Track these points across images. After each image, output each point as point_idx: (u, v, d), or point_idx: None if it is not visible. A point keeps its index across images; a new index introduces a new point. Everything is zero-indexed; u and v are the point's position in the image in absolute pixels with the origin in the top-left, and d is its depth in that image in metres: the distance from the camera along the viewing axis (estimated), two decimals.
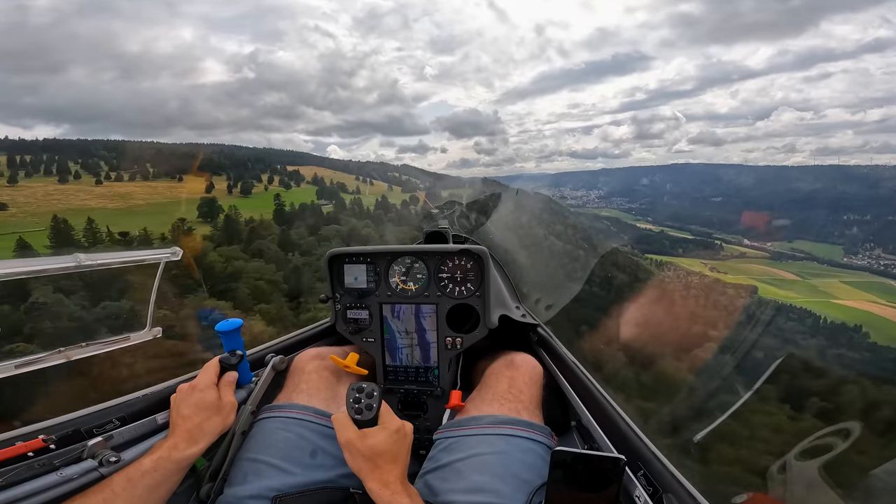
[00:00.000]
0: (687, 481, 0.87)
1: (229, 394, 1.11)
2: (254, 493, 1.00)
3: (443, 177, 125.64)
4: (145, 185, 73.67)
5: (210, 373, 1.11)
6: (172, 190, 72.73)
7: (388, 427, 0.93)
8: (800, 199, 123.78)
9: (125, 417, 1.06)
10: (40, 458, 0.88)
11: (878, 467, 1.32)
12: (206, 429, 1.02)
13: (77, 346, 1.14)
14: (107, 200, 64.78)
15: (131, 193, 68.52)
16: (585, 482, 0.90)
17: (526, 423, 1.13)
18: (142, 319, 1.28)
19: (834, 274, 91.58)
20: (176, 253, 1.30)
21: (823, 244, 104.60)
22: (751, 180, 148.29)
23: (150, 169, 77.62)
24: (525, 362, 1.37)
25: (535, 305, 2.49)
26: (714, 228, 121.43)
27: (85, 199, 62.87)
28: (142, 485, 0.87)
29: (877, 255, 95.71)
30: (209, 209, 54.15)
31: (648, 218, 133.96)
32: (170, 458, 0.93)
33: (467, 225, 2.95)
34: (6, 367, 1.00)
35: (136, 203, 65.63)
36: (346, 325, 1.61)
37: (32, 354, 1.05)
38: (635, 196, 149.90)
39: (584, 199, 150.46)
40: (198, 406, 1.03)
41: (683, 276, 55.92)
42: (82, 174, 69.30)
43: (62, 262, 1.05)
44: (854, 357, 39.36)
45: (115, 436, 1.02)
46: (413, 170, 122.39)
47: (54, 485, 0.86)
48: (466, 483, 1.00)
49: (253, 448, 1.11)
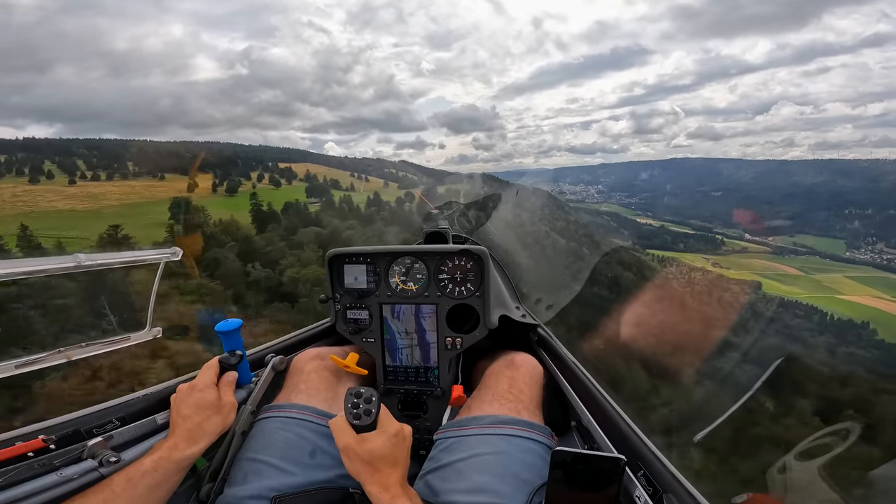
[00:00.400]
0: (687, 481, 0.87)
1: (229, 394, 1.11)
2: (254, 493, 1.00)
3: (441, 173, 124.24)
4: (124, 184, 70.51)
5: (210, 373, 1.12)
6: (151, 189, 68.68)
7: (386, 431, 0.93)
8: (800, 194, 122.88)
9: (125, 417, 1.06)
10: (40, 458, 0.88)
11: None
12: (207, 429, 1.02)
13: (77, 346, 1.14)
14: (76, 202, 60.63)
15: (105, 194, 65.22)
16: (585, 482, 0.90)
17: (526, 423, 1.13)
18: (142, 319, 1.28)
19: (837, 268, 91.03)
20: (176, 253, 1.30)
21: (825, 238, 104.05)
22: (751, 174, 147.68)
23: (132, 168, 74.95)
24: (525, 362, 1.37)
25: (535, 305, 2.49)
26: (715, 223, 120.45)
27: (52, 201, 59.35)
28: (142, 485, 0.87)
29: (879, 249, 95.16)
30: (181, 211, 48.71)
31: (648, 213, 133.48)
32: (170, 458, 0.93)
33: (467, 225, 2.96)
34: (6, 367, 1.00)
35: (109, 204, 61.91)
36: (346, 325, 1.61)
37: (32, 354, 1.05)
38: (634, 191, 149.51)
39: (583, 194, 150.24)
40: (198, 406, 1.03)
41: (686, 272, 55.65)
42: (56, 174, 66.55)
43: (62, 263, 1.05)
44: (864, 355, 38.88)
45: (115, 436, 1.02)
46: (410, 166, 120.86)
47: (54, 485, 0.86)
48: (467, 483, 1.00)
49: (253, 448, 1.11)
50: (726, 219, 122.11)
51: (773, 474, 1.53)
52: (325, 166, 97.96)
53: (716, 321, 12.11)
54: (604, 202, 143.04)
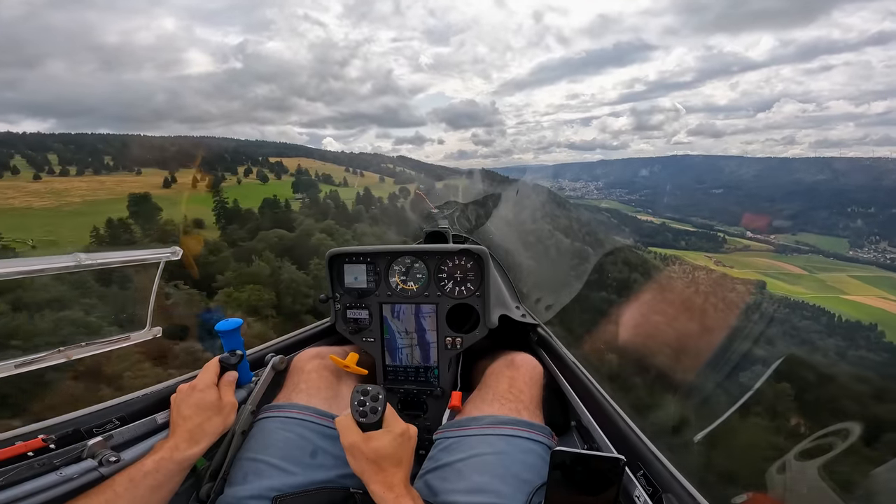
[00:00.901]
0: (686, 481, 0.87)
1: (230, 394, 1.11)
2: (254, 493, 1.00)
3: (439, 169, 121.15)
4: (93, 179, 66.56)
5: (210, 373, 1.12)
6: (122, 185, 63.64)
7: (392, 430, 0.93)
8: (802, 192, 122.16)
9: (125, 417, 1.06)
10: (40, 458, 0.88)
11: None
12: (207, 429, 1.02)
13: (77, 346, 1.14)
14: (36, 199, 57.40)
15: (70, 190, 61.39)
16: (585, 482, 0.90)
17: (526, 424, 1.13)
18: (142, 319, 1.28)
19: (841, 268, 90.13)
20: (176, 252, 1.30)
21: (828, 237, 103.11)
22: (752, 172, 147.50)
23: (107, 162, 71.26)
24: (526, 362, 1.37)
25: (535, 305, 2.49)
26: (716, 221, 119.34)
27: (10, 198, 56.03)
28: (144, 485, 0.88)
29: (882, 248, 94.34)
30: (140, 208, 43.11)
31: (649, 210, 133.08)
32: (171, 459, 0.93)
33: (467, 224, 2.96)
34: (6, 367, 1.00)
35: (71, 201, 57.94)
36: (346, 324, 1.61)
37: (32, 354, 1.05)
38: (635, 188, 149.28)
39: (583, 190, 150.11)
40: (198, 406, 1.03)
41: (690, 271, 54.75)
42: (22, 169, 63.39)
43: (62, 262, 1.05)
44: (875, 359, 38.27)
45: (115, 435, 1.02)
46: (408, 161, 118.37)
47: (54, 484, 0.86)
48: (467, 483, 1.00)
49: (253, 448, 1.11)
50: (727, 216, 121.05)
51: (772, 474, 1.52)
52: (319, 161, 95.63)
53: (722, 321, 12.03)
54: (604, 199, 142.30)
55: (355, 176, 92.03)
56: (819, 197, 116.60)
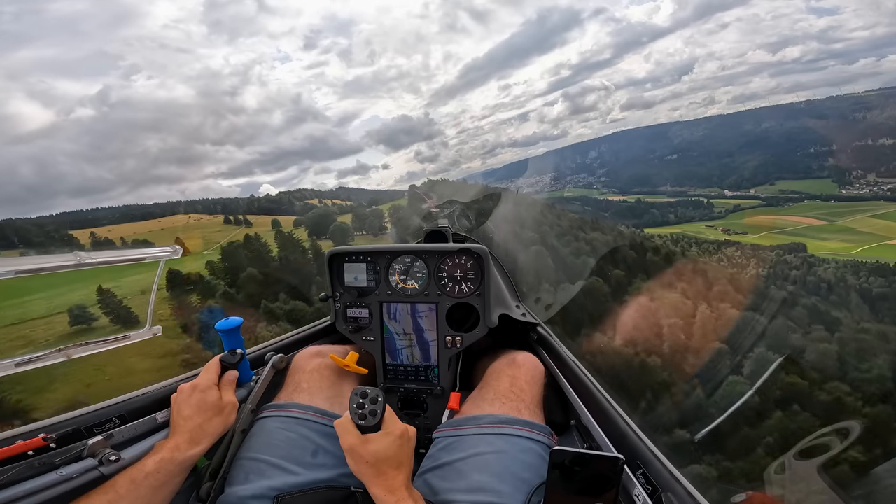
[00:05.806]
0: (686, 480, 0.87)
1: (230, 394, 1.12)
2: (255, 492, 1.00)
3: (390, 193, 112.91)
4: None
5: (211, 372, 1.12)
6: None
7: (391, 432, 0.93)
8: (755, 142, 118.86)
9: (125, 416, 1.06)
10: (40, 457, 0.88)
11: None
12: (208, 429, 1.02)
13: (77, 345, 1.14)
14: None
15: None
16: (584, 482, 0.90)
17: (526, 423, 1.13)
18: (142, 318, 1.28)
19: (851, 209, 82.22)
20: (177, 251, 1.30)
21: (810, 180, 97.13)
22: (699, 133, 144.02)
23: None
24: (527, 361, 1.38)
25: (534, 305, 2.49)
26: (687, 186, 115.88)
27: None
28: (145, 486, 0.88)
29: (872, 180, 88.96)
30: None
31: (614, 189, 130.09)
32: (172, 460, 0.93)
33: (467, 224, 2.95)
34: (6, 366, 1.00)
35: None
36: (346, 323, 1.61)
37: (32, 353, 1.05)
38: (591, 170, 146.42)
39: (538, 184, 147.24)
40: (199, 407, 1.03)
41: (716, 249, 47.29)
42: None
43: (62, 261, 1.05)
44: None
45: (116, 434, 1.02)
46: (345, 191, 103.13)
47: (54, 483, 0.86)
48: (466, 482, 1.00)
49: (254, 447, 1.11)
50: (695, 180, 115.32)
51: (771, 473, 1.52)
52: (202, 214, 75.87)
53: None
54: (564, 188, 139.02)
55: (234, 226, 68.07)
56: (776, 144, 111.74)
